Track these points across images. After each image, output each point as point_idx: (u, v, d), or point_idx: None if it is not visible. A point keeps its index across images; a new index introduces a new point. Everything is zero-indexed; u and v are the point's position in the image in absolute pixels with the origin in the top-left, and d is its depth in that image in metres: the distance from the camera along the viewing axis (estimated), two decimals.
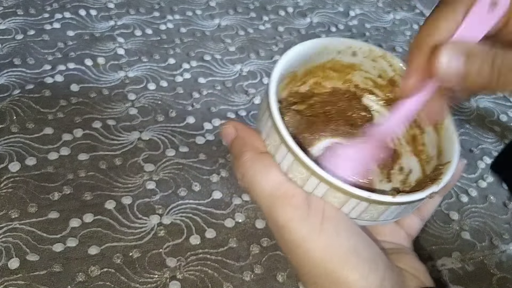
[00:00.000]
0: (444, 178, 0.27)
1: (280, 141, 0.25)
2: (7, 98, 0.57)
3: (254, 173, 0.26)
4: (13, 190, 0.49)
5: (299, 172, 0.25)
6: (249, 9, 0.78)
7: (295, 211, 0.25)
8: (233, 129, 0.28)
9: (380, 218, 0.27)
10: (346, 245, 0.25)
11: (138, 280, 0.45)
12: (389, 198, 0.25)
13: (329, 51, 0.31)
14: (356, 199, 0.25)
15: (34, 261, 0.45)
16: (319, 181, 0.25)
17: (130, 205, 0.50)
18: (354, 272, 0.25)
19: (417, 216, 0.32)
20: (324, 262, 0.25)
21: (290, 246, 0.26)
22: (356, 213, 0.26)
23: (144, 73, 0.64)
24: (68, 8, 0.70)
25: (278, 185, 0.26)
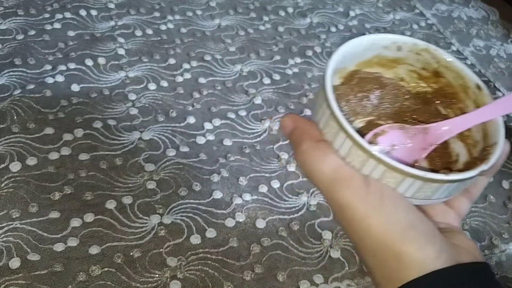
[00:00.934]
0: (492, 158, 0.28)
1: (338, 128, 0.27)
2: (8, 98, 0.57)
3: (314, 159, 0.28)
4: (14, 190, 0.49)
5: (357, 156, 0.27)
6: (249, 9, 0.78)
7: (354, 191, 0.27)
8: (291, 121, 0.30)
9: (433, 197, 0.29)
10: (404, 220, 0.27)
11: (139, 280, 0.45)
12: (442, 176, 0.27)
13: (375, 47, 0.34)
14: (411, 178, 0.27)
15: (35, 261, 0.45)
16: (377, 163, 0.27)
17: (131, 205, 0.50)
18: (412, 244, 0.27)
19: (466, 197, 0.34)
20: (384, 236, 0.27)
21: (352, 224, 0.28)
22: (411, 192, 0.28)
23: (145, 73, 0.64)
24: (69, 8, 0.70)
25: (337, 169, 0.28)
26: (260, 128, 0.61)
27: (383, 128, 0.33)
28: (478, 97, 0.32)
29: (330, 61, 0.30)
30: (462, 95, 0.33)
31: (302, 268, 0.49)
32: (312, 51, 0.73)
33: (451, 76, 0.34)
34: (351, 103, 0.35)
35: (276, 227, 0.51)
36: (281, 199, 0.54)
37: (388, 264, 0.28)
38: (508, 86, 0.76)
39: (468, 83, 0.33)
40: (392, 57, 0.34)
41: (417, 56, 0.34)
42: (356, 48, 0.33)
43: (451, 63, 0.33)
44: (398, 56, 0.34)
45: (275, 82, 0.67)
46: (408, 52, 0.34)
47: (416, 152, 0.33)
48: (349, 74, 0.35)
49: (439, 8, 0.88)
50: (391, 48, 0.34)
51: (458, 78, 0.33)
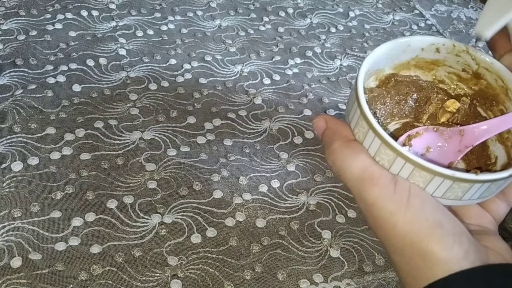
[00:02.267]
0: None
1: (368, 127, 0.28)
2: (9, 98, 0.58)
3: (344, 158, 0.29)
4: (16, 190, 0.50)
5: (386, 155, 0.28)
6: (249, 10, 0.79)
7: (382, 190, 0.28)
8: (323, 121, 0.31)
9: (464, 197, 0.28)
10: (431, 219, 0.27)
11: (140, 279, 0.46)
12: (472, 176, 0.27)
13: (413, 49, 0.33)
14: (440, 177, 0.27)
15: (36, 260, 0.45)
16: (405, 162, 0.27)
17: (132, 204, 0.51)
18: (439, 243, 0.27)
19: (502, 200, 0.34)
20: (411, 234, 0.27)
21: (379, 222, 0.28)
22: (441, 191, 0.28)
23: (146, 74, 0.64)
24: (70, 9, 0.71)
25: (366, 168, 0.28)
26: (260, 128, 0.61)
27: (418, 130, 0.33)
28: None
29: (364, 62, 0.30)
30: (502, 97, 0.33)
31: (302, 267, 0.49)
32: (312, 51, 0.73)
33: (492, 78, 0.33)
34: (387, 105, 0.35)
35: (276, 227, 0.52)
36: (281, 198, 0.54)
37: (414, 262, 0.28)
38: None
39: (508, 84, 0.32)
40: (431, 59, 0.34)
41: (456, 58, 0.34)
42: (392, 51, 0.32)
43: (491, 64, 0.33)
44: (436, 58, 0.34)
45: (275, 82, 0.67)
46: (447, 54, 0.34)
47: (451, 154, 0.33)
48: (386, 77, 0.34)
49: (438, 9, 0.88)
50: (429, 50, 0.33)
51: (498, 80, 0.33)
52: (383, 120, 0.35)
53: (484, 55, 0.33)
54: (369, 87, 0.34)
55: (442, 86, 0.36)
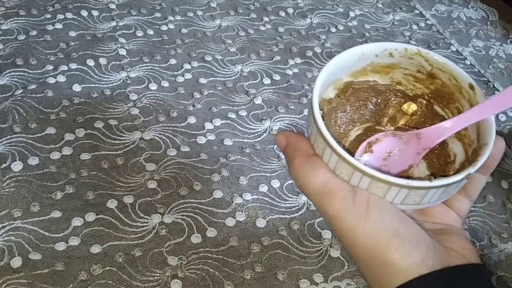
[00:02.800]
0: (480, 160, 0.29)
1: (324, 143, 0.29)
2: (9, 98, 0.58)
3: (305, 174, 0.29)
4: (16, 190, 0.50)
5: (344, 169, 0.28)
6: (249, 10, 0.79)
7: (342, 203, 0.28)
8: (284, 138, 0.32)
9: (423, 202, 0.29)
10: (389, 228, 0.28)
11: (140, 279, 0.46)
12: (426, 183, 0.28)
13: (367, 56, 0.34)
14: (396, 187, 0.28)
15: (36, 260, 0.45)
16: (362, 175, 0.28)
17: (132, 204, 0.51)
18: (397, 252, 0.28)
19: (464, 196, 0.35)
20: (371, 245, 0.28)
21: (342, 235, 0.29)
22: (400, 199, 0.29)
23: (146, 74, 0.64)
24: (70, 9, 0.71)
25: (326, 182, 0.29)
26: (261, 128, 0.61)
27: (377, 137, 0.34)
28: (471, 97, 0.33)
29: (318, 78, 0.31)
30: (457, 95, 0.34)
31: (302, 267, 0.49)
32: (312, 51, 0.73)
33: (446, 77, 0.34)
34: (348, 112, 0.36)
35: (276, 227, 0.52)
36: (281, 198, 0.54)
37: (377, 271, 0.29)
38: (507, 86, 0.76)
39: (461, 83, 0.33)
40: (386, 63, 0.35)
41: (410, 61, 0.35)
42: (347, 60, 0.34)
43: (444, 64, 0.34)
44: (391, 62, 0.35)
45: (275, 82, 0.67)
46: (401, 58, 0.35)
47: (411, 157, 0.33)
48: (344, 85, 0.35)
49: (438, 9, 0.88)
50: (383, 55, 0.34)
51: (452, 79, 0.34)
52: (344, 127, 0.36)
53: (436, 55, 0.34)
54: (328, 98, 0.35)
55: (400, 88, 0.37)
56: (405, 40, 0.80)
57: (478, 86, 0.33)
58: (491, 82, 0.75)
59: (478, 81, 0.76)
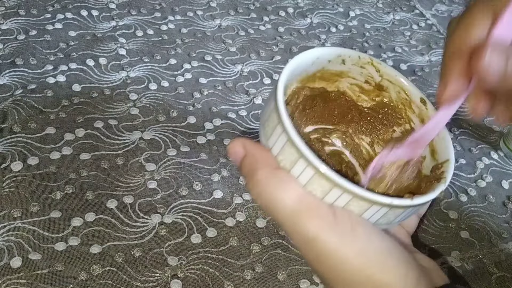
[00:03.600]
0: (448, 176, 0.28)
1: (298, 156, 0.25)
2: (9, 98, 0.58)
3: (273, 190, 0.25)
4: (16, 190, 0.50)
5: (320, 185, 0.25)
6: (249, 10, 0.79)
7: (323, 222, 0.25)
8: (241, 147, 0.27)
9: (394, 221, 0.28)
10: (380, 247, 0.26)
11: (140, 279, 0.45)
12: (408, 202, 0.26)
13: (320, 61, 0.33)
14: (377, 206, 0.26)
15: (36, 260, 0.45)
16: (342, 192, 0.25)
17: (132, 204, 0.51)
18: (393, 273, 0.25)
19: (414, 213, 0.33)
20: (362, 267, 0.25)
21: (323, 258, 0.25)
22: (375, 218, 0.27)
23: (146, 73, 0.64)
24: (70, 9, 0.71)
25: (301, 199, 0.25)
26: None
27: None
28: (423, 112, 0.32)
29: (279, 81, 0.28)
30: (405, 109, 0.33)
31: (302, 267, 0.49)
32: None
33: (395, 90, 0.33)
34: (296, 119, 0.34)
35: (276, 227, 0.52)
36: None
37: None
38: None
39: (411, 97, 0.33)
40: (336, 70, 0.34)
41: (360, 70, 0.33)
42: (303, 63, 0.32)
43: (395, 77, 0.33)
44: (341, 69, 0.33)
45: (275, 82, 0.67)
46: (352, 66, 0.33)
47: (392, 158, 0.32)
48: (294, 92, 0.33)
49: (439, 9, 0.88)
50: (335, 61, 0.33)
51: (402, 92, 0.33)
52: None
53: (388, 67, 0.33)
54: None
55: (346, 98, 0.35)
56: (405, 39, 0.80)
57: (429, 101, 0.32)
58: None
59: None
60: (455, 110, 0.29)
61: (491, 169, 0.63)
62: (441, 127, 0.30)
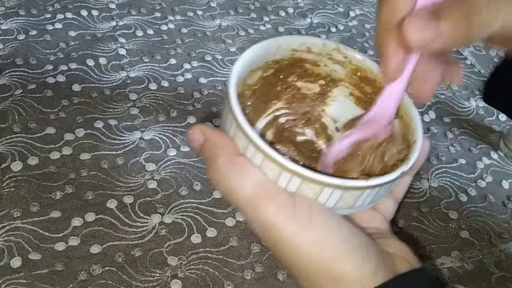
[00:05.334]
0: (412, 157, 0.27)
1: (247, 141, 0.25)
2: (9, 98, 0.58)
3: (231, 176, 0.25)
4: (15, 190, 0.50)
5: (270, 169, 0.25)
6: (249, 10, 0.79)
7: (281, 209, 0.25)
8: (201, 133, 0.27)
9: (356, 205, 0.27)
10: (337, 237, 0.25)
11: (140, 279, 0.45)
12: (362, 183, 0.25)
13: (283, 49, 0.31)
14: (330, 188, 0.25)
15: (36, 260, 0.45)
16: (292, 175, 0.25)
17: (132, 204, 0.51)
18: (348, 263, 0.25)
19: (390, 198, 0.33)
20: (317, 256, 0.25)
21: (280, 245, 0.25)
22: (332, 202, 0.26)
23: (146, 73, 0.64)
24: (70, 9, 0.71)
25: (260, 185, 0.25)
26: None
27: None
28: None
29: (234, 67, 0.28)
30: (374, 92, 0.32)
31: None
32: None
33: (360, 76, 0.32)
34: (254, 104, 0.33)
35: None
36: None
37: (323, 286, 0.26)
38: None
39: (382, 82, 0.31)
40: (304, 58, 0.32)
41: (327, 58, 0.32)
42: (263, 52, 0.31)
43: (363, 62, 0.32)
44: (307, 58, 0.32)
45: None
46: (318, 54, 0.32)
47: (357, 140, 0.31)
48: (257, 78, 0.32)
49: None
50: (300, 49, 0.32)
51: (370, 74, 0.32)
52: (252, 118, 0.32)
53: (355, 52, 0.32)
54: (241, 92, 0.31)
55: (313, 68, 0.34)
56: None
57: None
58: None
59: (478, 81, 0.76)
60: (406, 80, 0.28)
61: (491, 169, 0.63)
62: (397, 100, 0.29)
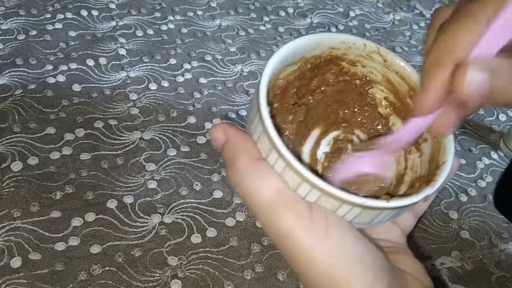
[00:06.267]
0: (438, 180, 0.26)
1: (271, 146, 0.25)
2: (9, 98, 0.58)
3: (251, 180, 0.25)
4: (16, 190, 0.50)
5: (290, 178, 0.25)
6: (249, 10, 0.79)
7: (298, 219, 0.24)
8: (222, 133, 0.26)
9: (373, 222, 0.27)
10: (352, 253, 0.25)
11: (140, 279, 0.45)
12: (383, 204, 0.25)
13: (321, 47, 0.31)
14: (349, 205, 0.24)
15: (36, 260, 0.45)
16: (311, 188, 0.24)
17: (132, 204, 0.51)
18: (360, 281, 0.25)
19: (410, 213, 0.32)
20: (330, 271, 0.25)
21: (294, 255, 0.25)
22: (349, 217, 0.26)
23: (146, 73, 0.64)
24: (70, 9, 0.71)
25: (279, 192, 0.25)
26: None
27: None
28: None
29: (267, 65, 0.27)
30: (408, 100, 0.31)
31: None
32: None
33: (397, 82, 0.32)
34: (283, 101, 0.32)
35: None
36: None
37: None
38: None
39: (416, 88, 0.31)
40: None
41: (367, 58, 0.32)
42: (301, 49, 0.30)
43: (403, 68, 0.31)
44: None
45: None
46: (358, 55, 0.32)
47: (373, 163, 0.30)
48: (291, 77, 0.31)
49: None
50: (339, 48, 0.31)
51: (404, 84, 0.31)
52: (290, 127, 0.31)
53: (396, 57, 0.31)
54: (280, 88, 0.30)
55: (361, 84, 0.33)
56: (405, 40, 0.80)
57: None
58: None
59: None
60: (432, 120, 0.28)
61: (491, 169, 0.63)
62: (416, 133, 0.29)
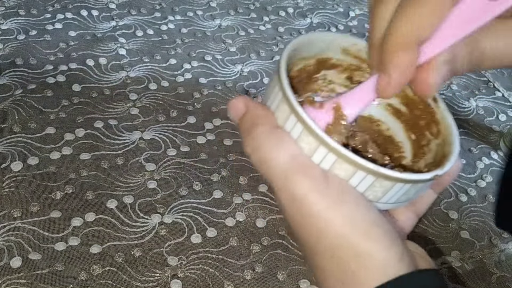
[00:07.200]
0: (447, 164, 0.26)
1: (289, 111, 0.25)
2: (9, 98, 0.58)
3: (269, 145, 0.25)
4: (16, 190, 0.50)
5: (307, 143, 0.25)
6: (249, 10, 0.79)
7: (314, 182, 0.25)
8: (243, 104, 0.27)
9: (382, 199, 0.27)
10: (367, 217, 0.25)
11: (140, 279, 0.45)
12: (397, 174, 0.25)
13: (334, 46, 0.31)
14: (363, 172, 0.25)
15: (36, 260, 0.45)
16: (328, 151, 0.25)
17: (132, 204, 0.51)
18: (377, 243, 0.25)
19: (412, 211, 0.32)
20: (346, 233, 0.25)
21: (307, 220, 0.25)
22: (361, 189, 0.26)
23: (146, 73, 0.64)
24: (70, 9, 0.71)
25: (295, 157, 0.25)
26: None
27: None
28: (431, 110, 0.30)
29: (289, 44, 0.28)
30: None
31: (302, 267, 0.49)
32: None
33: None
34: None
35: (276, 227, 0.52)
36: None
37: (346, 265, 0.25)
38: (508, 85, 0.76)
39: None
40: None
41: None
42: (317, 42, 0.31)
43: None
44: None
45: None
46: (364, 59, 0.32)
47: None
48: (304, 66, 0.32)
49: None
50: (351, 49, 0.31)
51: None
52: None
53: None
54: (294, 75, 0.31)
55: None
56: None
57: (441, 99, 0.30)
58: (491, 82, 0.75)
59: (478, 81, 0.76)
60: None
61: (491, 169, 0.63)
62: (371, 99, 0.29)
